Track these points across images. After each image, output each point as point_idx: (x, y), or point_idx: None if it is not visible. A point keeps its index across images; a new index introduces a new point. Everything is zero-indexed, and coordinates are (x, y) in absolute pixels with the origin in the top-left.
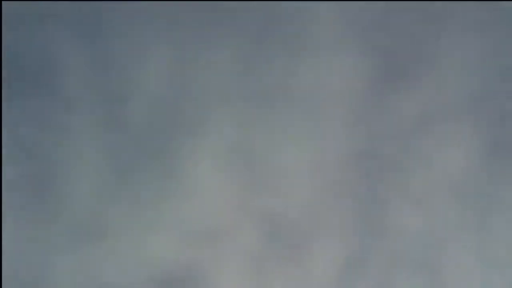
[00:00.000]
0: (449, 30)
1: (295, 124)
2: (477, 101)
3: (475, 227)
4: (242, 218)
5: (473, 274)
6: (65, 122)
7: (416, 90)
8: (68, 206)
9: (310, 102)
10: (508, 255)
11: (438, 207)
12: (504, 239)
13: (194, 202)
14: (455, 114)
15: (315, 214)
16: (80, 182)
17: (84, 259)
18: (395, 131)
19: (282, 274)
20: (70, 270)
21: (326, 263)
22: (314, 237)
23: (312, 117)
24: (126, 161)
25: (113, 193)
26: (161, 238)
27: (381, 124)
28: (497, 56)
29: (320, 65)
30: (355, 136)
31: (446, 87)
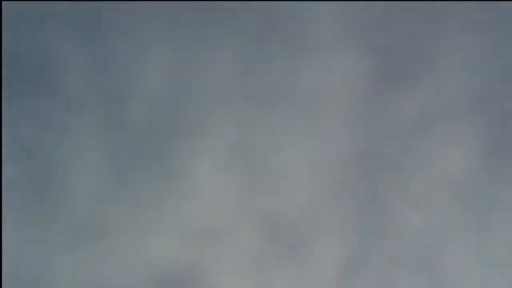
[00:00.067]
0: (449, 30)
1: (295, 124)
2: (477, 101)
3: (475, 227)
4: (242, 218)
5: (473, 274)
6: (65, 122)
7: (416, 90)
8: (68, 206)
9: (310, 102)
10: (508, 255)
11: (438, 207)
12: (504, 239)
13: (194, 202)
14: (455, 114)
15: (315, 214)
16: (80, 182)
17: (84, 259)
18: (395, 131)
19: (282, 274)
20: (70, 270)
21: (326, 263)
22: (314, 237)
23: (312, 117)
24: (126, 161)
25: (113, 193)
26: (161, 238)
27: (381, 124)
28: (497, 56)
29: (320, 65)
30: (355, 136)
31: (446, 87)
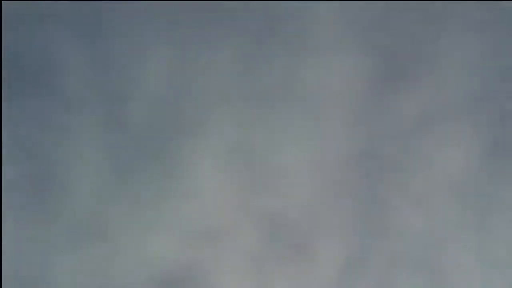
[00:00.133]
0: (449, 30)
1: (295, 124)
2: (477, 101)
3: (475, 227)
4: (242, 218)
5: (473, 274)
6: (65, 122)
7: (416, 90)
8: (68, 206)
9: (310, 102)
10: (508, 255)
11: (438, 207)
12: (504, 239)
13: (194, 202)
14: (455, 114)
15: (315, 214)
16: (80, 182)
17: (84, 259)
18: (395, 131)
19: (282, 274)
20: (70, 270)
21: (326, 263)
22: (314, 237)
23: (312, 117)
24: (126, 161)
25: (113, 193)
26: (161, 238)
27: (381, 124)
28: (497, 56)
29: (320, 65)
30: (355, 136)
31: (446, 87)
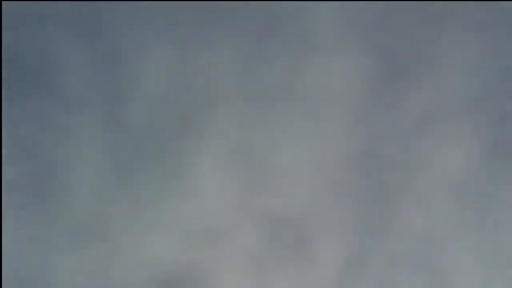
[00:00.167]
0: (449, 30)
1: (295, 124)
2: (477, 101)
3: (475, 227)
4: (242, 218)
5: (473, 274)
6: (65, 122)
7: (416, 90)
8: (68, 206)
9: (310, 102)
10: (508, 255)
11: (438, 207)
12: (504, 239)
13: (194, 202)
14: (455, 114)
15: (315, 214)
16: (80, 182)
17: (84, 259)
18: (395, 131)
19: (282, 274)
20: (70, 270)
21: (326, 263)
22: (314, 237)
23: (312, 117)
24: (126, 161)
25: (113, 193)
26: (161, 238)
27: (381, 124)
28: (497, 56)
29: (320, 65)
30: (355, 136)
31: (446, 87)
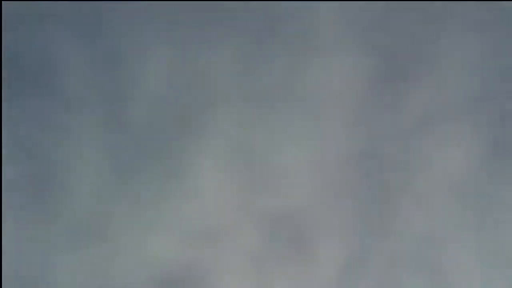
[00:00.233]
0: (449, 30)
1: (295, 124)
2: (477, 101)
3: (475, 227)
4: (242, 218)
5: (473, 274)
6: (65, 122)
7: (416, 90)
8: (68, 206)
9: (310, 102)
10: (508, 255)
11: (438, 207)
12: (504, 239)
13: (194, 202)
14: (455, 114)
15: (315, 214)
16: (80, 182)
17: (84, 259)
18: (395, 131)
19: (282, 274)
20: (70, 270)
21: (326, 263)
22: (314, 237)
23: (312, 117)
24: (126, 161)
25: (113, 193)
26: (161, 238)
27: (381, 124)
28: (497, 56)
29: (320, 65)
30: (355, 136)
31: (446, 87)
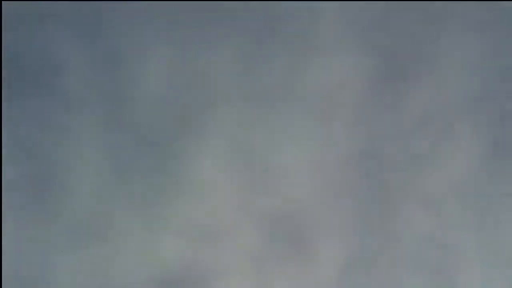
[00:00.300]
0: (449, 30)
1: (295, 124)
2: (477, 101)
3: (475, 227)
4: (242, 218)
5: (473, 274)
6: (65, 122)
7: (416, 90)
8: (68, 206)
9: (310, 102)
10: (508, 255)
11: (438, 207)
12: (504, 239)
13: (194, 202)
14: (455, 114)
15: (315, 214)
16: (80, 182)
17: (84, 259)
18: (395, 131)
19: (283, 274)
20: (70, 270)
21: (326, 263)
22: (314, 237)
23: (312, 117)
24: (126, 161)
25: (113, 193)
26: (161, 238)
27: (381, 124)
28: (497, 56)
29: (320, 65)
30: (355, 136)
31: (446, 87)
